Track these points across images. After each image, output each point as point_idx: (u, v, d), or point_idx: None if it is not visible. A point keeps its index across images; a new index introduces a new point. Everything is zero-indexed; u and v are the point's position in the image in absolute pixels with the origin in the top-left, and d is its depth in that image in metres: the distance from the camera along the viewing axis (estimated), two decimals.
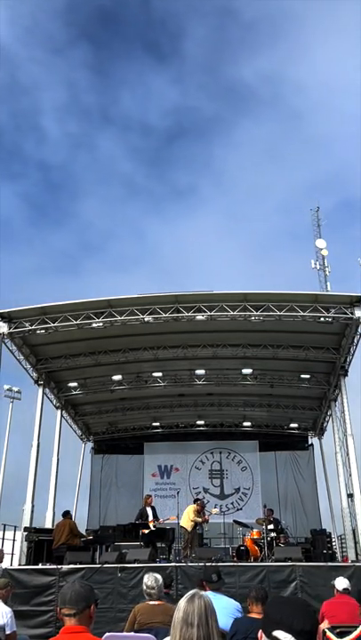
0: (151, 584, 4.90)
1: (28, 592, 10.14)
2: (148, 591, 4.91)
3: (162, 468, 22.29)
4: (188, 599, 1.86)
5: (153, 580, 4.93)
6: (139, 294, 13.81)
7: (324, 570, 10.31)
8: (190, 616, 1.80)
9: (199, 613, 1.81)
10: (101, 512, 21.17)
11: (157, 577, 4.98)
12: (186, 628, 1.79)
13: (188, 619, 1.80)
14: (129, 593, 10.13)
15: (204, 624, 1.80)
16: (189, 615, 1.81)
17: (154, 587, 4.89)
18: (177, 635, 1.80)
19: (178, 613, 1.83)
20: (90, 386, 18.18)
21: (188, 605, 1.83)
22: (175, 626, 1.82)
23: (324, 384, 17.57)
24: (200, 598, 1.86)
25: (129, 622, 4.99)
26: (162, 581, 4.99)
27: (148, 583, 4.93)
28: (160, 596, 4.93)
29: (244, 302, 13.51)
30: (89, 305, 13.80)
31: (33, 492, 14.68)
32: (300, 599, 1.89)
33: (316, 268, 20.29)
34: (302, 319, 13.55)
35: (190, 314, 13.63)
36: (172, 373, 18.06)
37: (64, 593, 2.90)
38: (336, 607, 5.76)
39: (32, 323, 13.89)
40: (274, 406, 20.33)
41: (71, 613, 2.81)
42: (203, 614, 1.81)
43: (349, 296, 13.31)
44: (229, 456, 22.21)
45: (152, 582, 4.91)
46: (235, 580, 10.05)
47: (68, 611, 2.82)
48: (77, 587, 2.91)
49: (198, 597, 1.86)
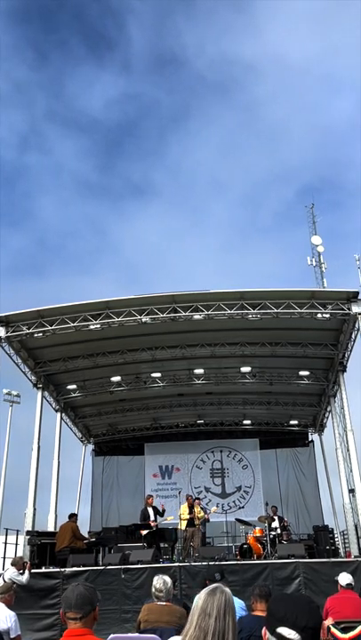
0: (160, 587, 4.89)
1: (32, 595, 10.13)
2: (157, 594, 4.90)
3: (163, 468, 22.29)
4: (210, 591, 1.89)
5: (161, 583, 4.90)
6: (136, 295, 13.81)
7: (327, 566, 10.34)
8: (210, 607, 1.83)
9: (218, 606, 1.83)
10: (103, 514, 21.17)
11: (166, 580, 4.95)
12: (203, 617, 1.82)
13: (208, 609, 1.83)
14: (133, 594, 10.14)
15: (222, 617, 1.82)
16: (209, 605, 1.84)
17: (162, 589, 4.87)
18: (194, 622, 1.83)
19: (198, 602, 1.86)
20: (89, 388, 18.17)
21: (209, 597, 1.86)
22: (193, 613, 1.85)
23: (322, 380, 17.59)
24: (222, 593, 1.89)
25: (137, 621, 5.02)
26: (171, 584, 4.94)
27: (156, 586, 4.91)
28: (169, 599, 4.91)
29: (240, 301, 13.51)
30: (86, 307, 13.79)
31: (34, 495, 14.66)
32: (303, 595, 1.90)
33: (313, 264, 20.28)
34: (300, 316, 13.56)
35: (188, 313, 13.63)
36: (170, 373, 18.05)
37: (68, 597, 2.87)
38: (340, 603, 5.78)
39: (29, 326, 13.87)
40: (273, 404, 20.35)
41: (77, 617, 2.79)
42: (222, 608, 1.84)
43: (346, 292, 13.32)
44: (230, 454, 22.22)
45: (160, 585, 4.89)
46: (238, 578, 10.07)
47: (73, 615, 2.80)
48: (82, 589, 2.89)
49: (220, 591, 1.89)
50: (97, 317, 13.75)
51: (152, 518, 13.03)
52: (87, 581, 9.38)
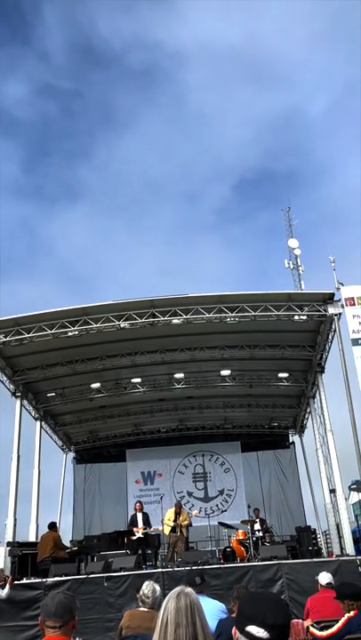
0: (148, 593, 4.85)
1: (13, 607, 9.99)
2: (143, 598, 4.86)
3: (145, 474, 22.18)
4: (176, 596, 1.81)
5: (151, 590, 4.86)
6: (113, 300, 13.78)
7: (309, 566, 10.39)
8: (178, 615, 1.76)
9: (186, 612, 1.76)
10: (86, 522, 20.97)
11: (156, 588, 4.91)
12: (172, 628, 1.74)
13: (176, 617, 1.75)
14: (116, 602, 10.06)
15: (190, 622, 1.75)
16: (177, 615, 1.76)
17: (149, 596, 4.83)
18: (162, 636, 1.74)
19: (164, 614, 1.78)
20: (68, 395, 18.02)
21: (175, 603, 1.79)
22: (162, 622, 1.76)
23: (301, 382, 17.73)
24: (186, 596, 1.81)
25: (119, 627, 4.98)
26: (160, 593, 4.86)
27: (144, 591, 4.87)
28: (153, 607, 4.88)
29: (219, 304, 13.57)
30: (63, 314, 13.70)
31: (15, 505, 14.47)
32: (273, 594, 1.91)
33: (290, 267, 20.45)
34: (277, 318, 13.67)
35: (166, 318, 13.64)
36: (150, 378, 18.02)
37: (47, 605, 2.85)
38: (321, 602, 5.82)
39: (6, 334, 13.73)
40: (254, 406, 20.44)
41: (56, 626, 2.77)
42: (188, 612, 1.76)
43: (322, 293, 13.46)
44: (212, 458, 22.22)
45: (149, 591, 4.85)
46: (222, 581, 10.06)
47: (53, 623, 2.78)
48: (62, 597, 2.87)
49: (184, 595, 1.82)
50: (75, 324, 13.67)
51: (140, 524, 12.98)
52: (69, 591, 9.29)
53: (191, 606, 1.79)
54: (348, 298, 13.14)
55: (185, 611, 1.77)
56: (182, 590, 1.85)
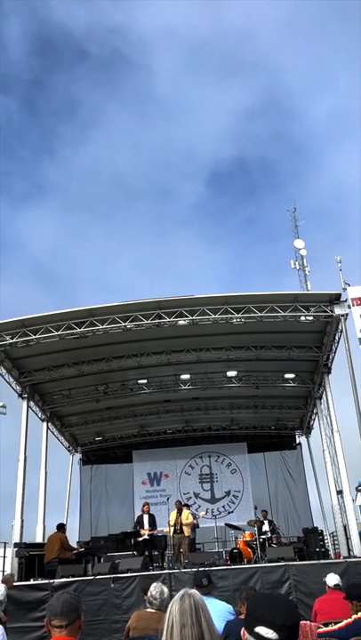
0: (156, 594, 4.85)
1: (20, 608, 10.01)
2: (151, 599, 4.87)
3: (151, 475, 22.19)
4: (179, 599, 1.81)
5: (159, 592, 4.87)
6: (120, 302, 13.79)
7: (317, 567, 10.35)
8: (182, 616, 1.75)
9: (191, 613, 1.76)
10: (93, 523, 21.00)
11: (164, 589, 4.92)
12: (178, 629, 1.73)
13: (181, 619, 1.75)
14: (123, 603, 10.06)
15: (195, 623, 1.74)
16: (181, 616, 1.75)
17: (157, 597, 4.84)
18: (168, 638, 1.74)
19: (169, 617, 1.78)
20: (75, 396, 18.05)
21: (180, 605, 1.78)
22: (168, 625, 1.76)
23: (308, 383, 17.67)
24: (190, 597, 1.81)
25: (126, 628, 4.98)
26: (167, 595, 4.88)
27: (152, 592, 4.88)
28: (160, 608, 4.88)
29: (225, 305, 13.55)
30: (70, 315, 13.73)
31: (22, 506, 14.51)
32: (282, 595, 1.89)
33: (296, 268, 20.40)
34: (283, 319, 13.64)
35: (172, 319, 13.63)
36: (157, 380, 18.01)
37: (53, 605, 2.84)
38: (328, 604, 5.79)
39: (12, 336, 13.76)
40: (260, 407, 20.39)
41: (63, 625, 2.76)
42: (193, 614, 1.76)
43: (328, 294, 13.42)
44: (218, 459, 22.20)
45: (157, 593, 4.86)
46: (229, 583, 10.05)
47: (59, 622, 2.76)
48: (67, 597, 2.86)
49: (188, 596, 1.81)
50: (81, 325, 13.69)
51: (146, 526, 12.99)
52: (76, 592, 9.29)
53: (195, 606, 1.78)
54: (354, 298, 13.09)
55: (189, 611, 1.77)
56: (186, 592, 1.85)
